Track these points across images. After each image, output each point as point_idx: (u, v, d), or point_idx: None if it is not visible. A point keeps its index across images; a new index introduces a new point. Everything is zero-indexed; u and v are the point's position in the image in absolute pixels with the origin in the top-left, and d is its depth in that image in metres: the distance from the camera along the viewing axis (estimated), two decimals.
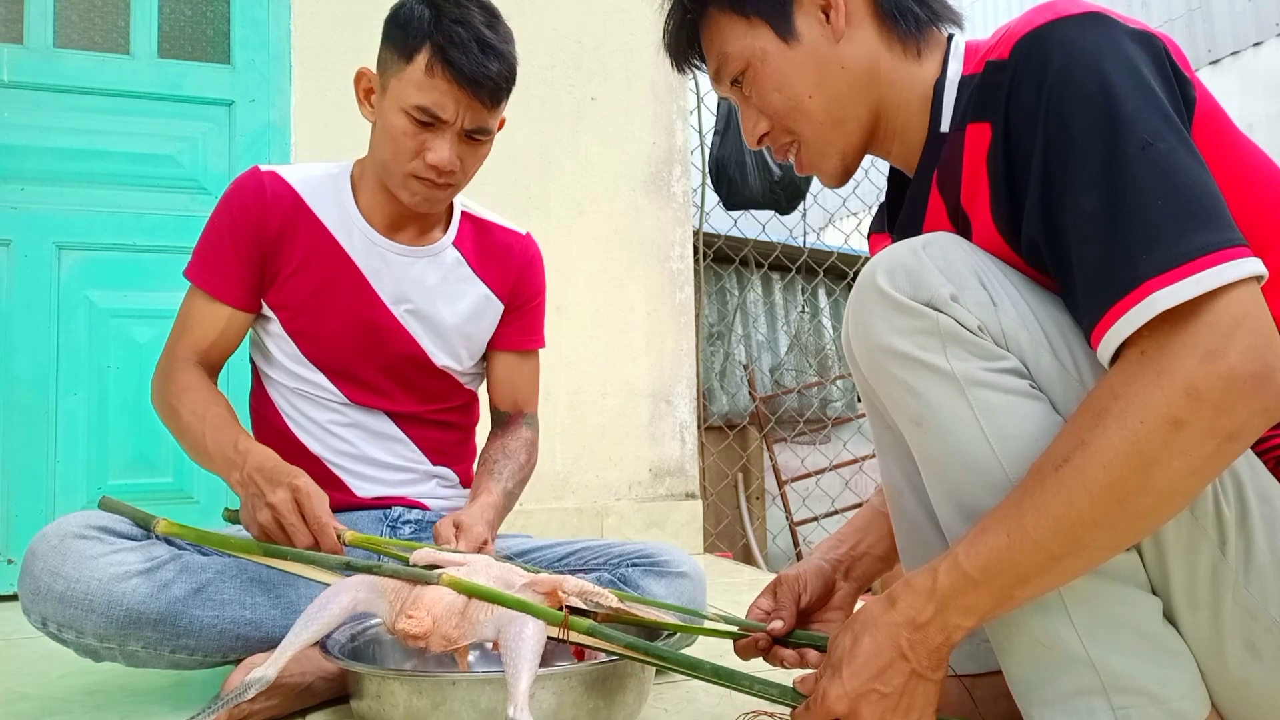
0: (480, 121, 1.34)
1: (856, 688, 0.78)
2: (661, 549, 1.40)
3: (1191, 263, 0.68)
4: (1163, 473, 0.69)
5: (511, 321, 1.56)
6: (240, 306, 1.41)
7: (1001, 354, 0.79)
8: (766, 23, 0.94)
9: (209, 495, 2.39)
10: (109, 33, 2.43)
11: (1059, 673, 0.80)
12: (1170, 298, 0.68)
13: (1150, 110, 0.73)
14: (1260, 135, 6.43)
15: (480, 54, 1.29)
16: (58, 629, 1.15)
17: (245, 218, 1.39)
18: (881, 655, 0.78)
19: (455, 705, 0.98)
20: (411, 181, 1.35)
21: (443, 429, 1.53)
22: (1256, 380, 0.67)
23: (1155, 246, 0.70)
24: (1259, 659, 0.78)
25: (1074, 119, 0.75)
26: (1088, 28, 0.78)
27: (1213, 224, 0.70)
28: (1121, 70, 0.75)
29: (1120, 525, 0.71)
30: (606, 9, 2.90)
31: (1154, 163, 0.71)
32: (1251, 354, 0.67)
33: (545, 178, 2.83)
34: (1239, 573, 0.77)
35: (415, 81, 1.29)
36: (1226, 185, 0.77)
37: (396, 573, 1.03)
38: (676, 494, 2.97)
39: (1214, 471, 0.70)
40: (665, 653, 0.95)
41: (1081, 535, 0.71)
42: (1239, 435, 0.68)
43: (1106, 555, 0.74)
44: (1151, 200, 0.71)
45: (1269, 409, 0.67)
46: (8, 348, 2.27)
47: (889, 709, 0.78)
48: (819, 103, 0.94)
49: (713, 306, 4.44)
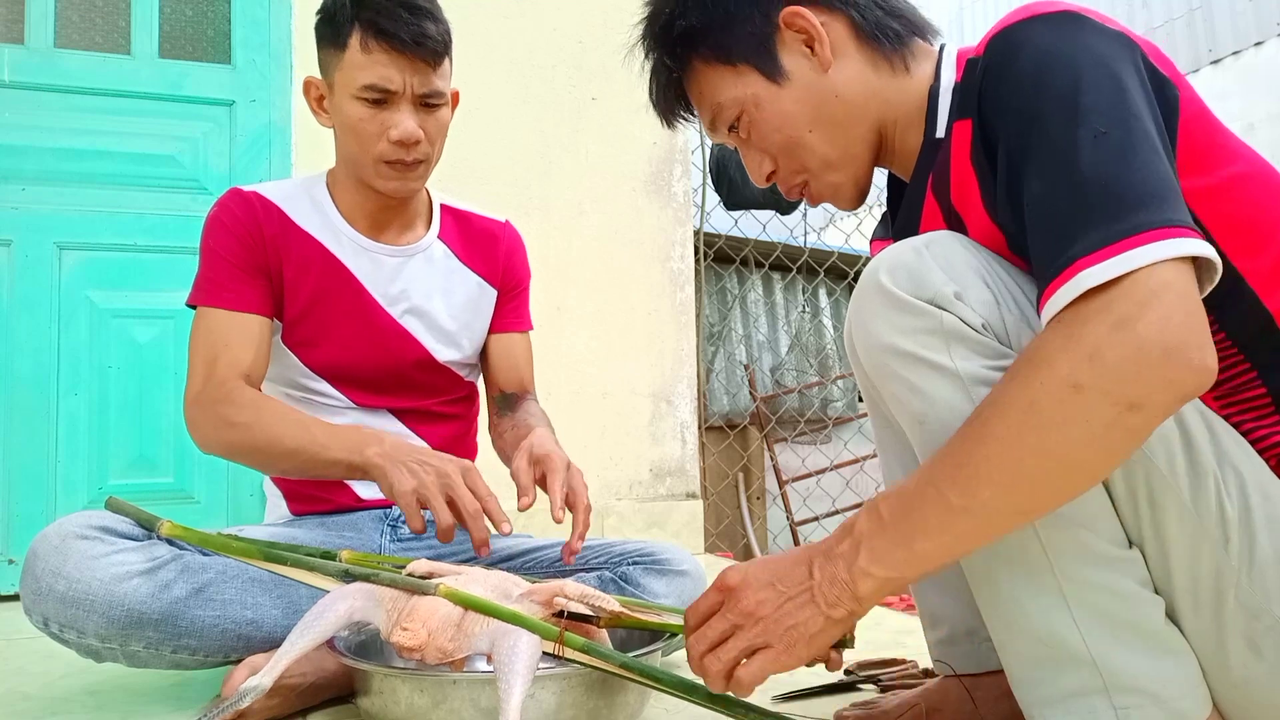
0: (430, 85, 1.33)
1: (757, 573, 0.82)
2: (662, 547, 1.40)
3: (1121, 241, 0.69)
4: (1059, 436, 0.69)
5: (505, 306, 1.58)
6: (267, 314, 1.38)
7: (1005, 352, 0.79)
8: (754, 67, 0.94)
9: (210, 495, 2.39)
10: (110, 33, 2.43)
11: (1060, 672, 0.79)
12: (1096, 276, 0.68)
13: (1110, 102, 0.74)
14: (1261, 135, 6.42)
15: (410, 16, 1.29)
16: (59, 630, 1.15)
17: (242, 231, 1.38)
18: (792, 563, 0.81)
19: (456, 703, 0.98)
20: (383, 167, 1.35)
21: (447, 422, 1.53)
22: (1164, 351, 0.66)
23: (1091, 229, 0.70)
24: (1261, 658, 0.78)
25: (1037, 110, 0.76)
26: (1060, 24, 0.79)
27: (1152, 206, 0.70)
28: (1087, 63, 0.76)
29: (1016, 488, 0.71)
30: (607, 9, 2.90)
31: (1103, 150, 0.72)
32: (1162, 324, 0.66)
33: (546, 178, 2.83)
34: (1242, 571, 0.77)
35: (356, 64, 1.30)
36: (1220, 186, 0.78)
37: (394, 581, 1.04)
38: (677, 494, 2.97)
39: (1114, 444, 0.69)
40: (660, 674, 0.95)
41: (976, 490, 0.72)
42: (1140, 405, 0.67)
43: (1003, 523, 0.74)
44: (1095, 185, 0.71)
45: (1174, 382, 0.66)
46: (9, 348, 2.27)
47: (772, 605, 0.80)
48: (820, 136, 0.94)
49: (713, 306, 4.44)
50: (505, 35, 2.75)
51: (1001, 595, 0.81)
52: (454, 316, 1.50)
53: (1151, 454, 0.77)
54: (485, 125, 2.72)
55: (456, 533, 1.49)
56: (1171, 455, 0.77)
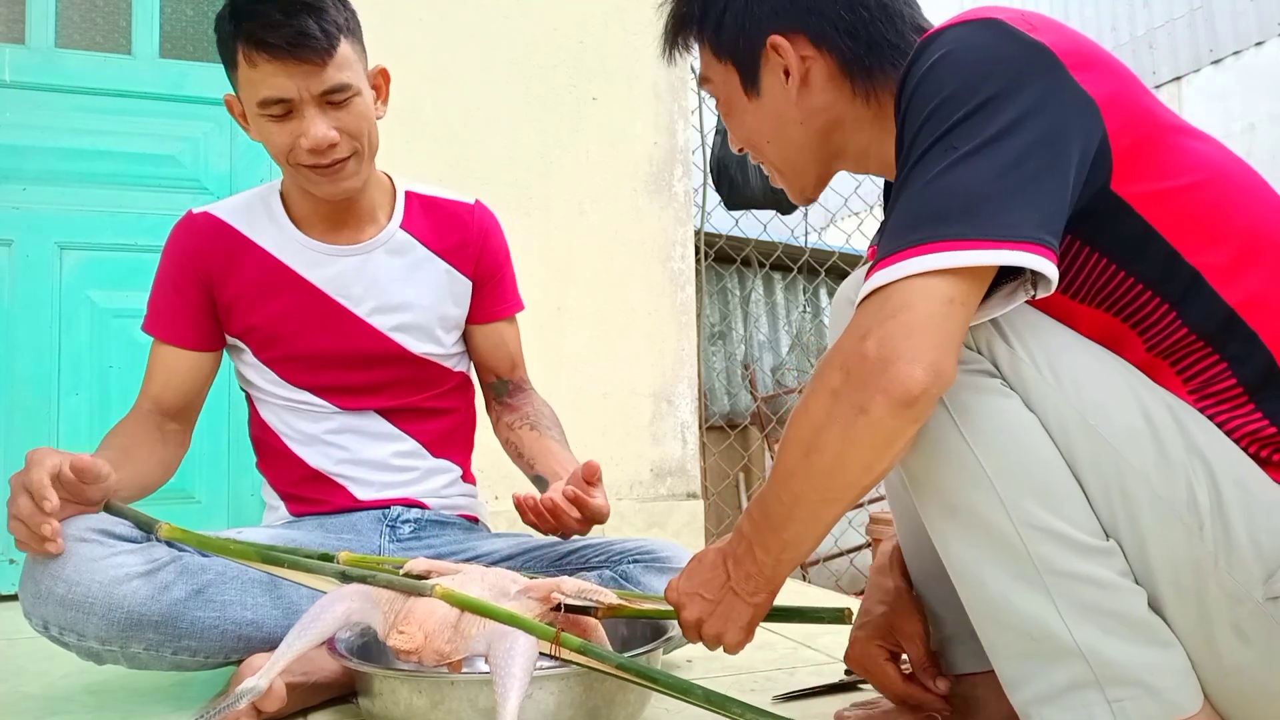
0: (327, 82, 1.27)
1: (687, 588, 0.97)
2: (662, 545, 1.40)
3: (896, 254, 0.76)
4: (827, 436, 0.79)
5: (485, 295, 1.54)
6: (192, 347, 1.41)
7: (973, 357, 0.83)
8: (736, 70, 0.99)
9: (210, 495, 2.39)
10: (110, 33, 2.43)
11: (1050, 666, 0.80)
12: (871, 283, 0.77)
13: (981, 115, 0.77)
14: (1262, 135, 6.42)
15: (285, 17, 1.24)
16: (59, 632, 1.15)
17: (183, 260, 1.41)
18: (710, 571, 0.95)
19: (454, 704, 0.98)
20: (308, 174, 1.33)
21: (438, 416, 1.52)
22: (879, 364, 0.74)
23: (894, 236, 0.78)
24: (1248, 643, 0.79)
25: (917, 118, 0.80)
26: (976, 31, 0.81)
27: (940, 221, 0.75)
28: (975, 75, 0.78)
29: (812, 480, 0.82)
30: (607, 9, 2.89)
31: (939, 166, 0.77)
32: (885, 340, 0.75)
33: (546, 178, 2.83)
34: (1220, 558, 0.78)
35: (248, 80, 1.27)
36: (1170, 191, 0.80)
37: (391, 582, 1.04)
38: (678, 494, 2.97)
39: (868, 444, 0.77)
40: (658, 674, 0.96)
41: (789, 483, 0.84)
42: (868, 410, 0.76)
43: (824, 510, 0.84)
44: (913, 199, 0.78)
45: (889, 391, 0.74)
46: (9, 347, 2.27)
47: (707, 612, 0.95)
48: (775, 150, 1.01)
49: (714, 306, 4.44)
50: (505, 35, 2.74)
51: (988, 593, 0.82)
52: (426, 309, 1.47)
53: (1119, 447, 0.79)
54: (485, 125, 2.71)
55: (456, 533, 1.49)
56: (1139, 448, 0.79)
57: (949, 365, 0.75)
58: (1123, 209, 0.81)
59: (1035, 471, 0.80)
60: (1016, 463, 0.80)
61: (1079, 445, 0.80)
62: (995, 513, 0.80)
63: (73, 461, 1.12)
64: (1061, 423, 0.80)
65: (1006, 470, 0.80)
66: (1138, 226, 0.81)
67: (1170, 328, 0.83)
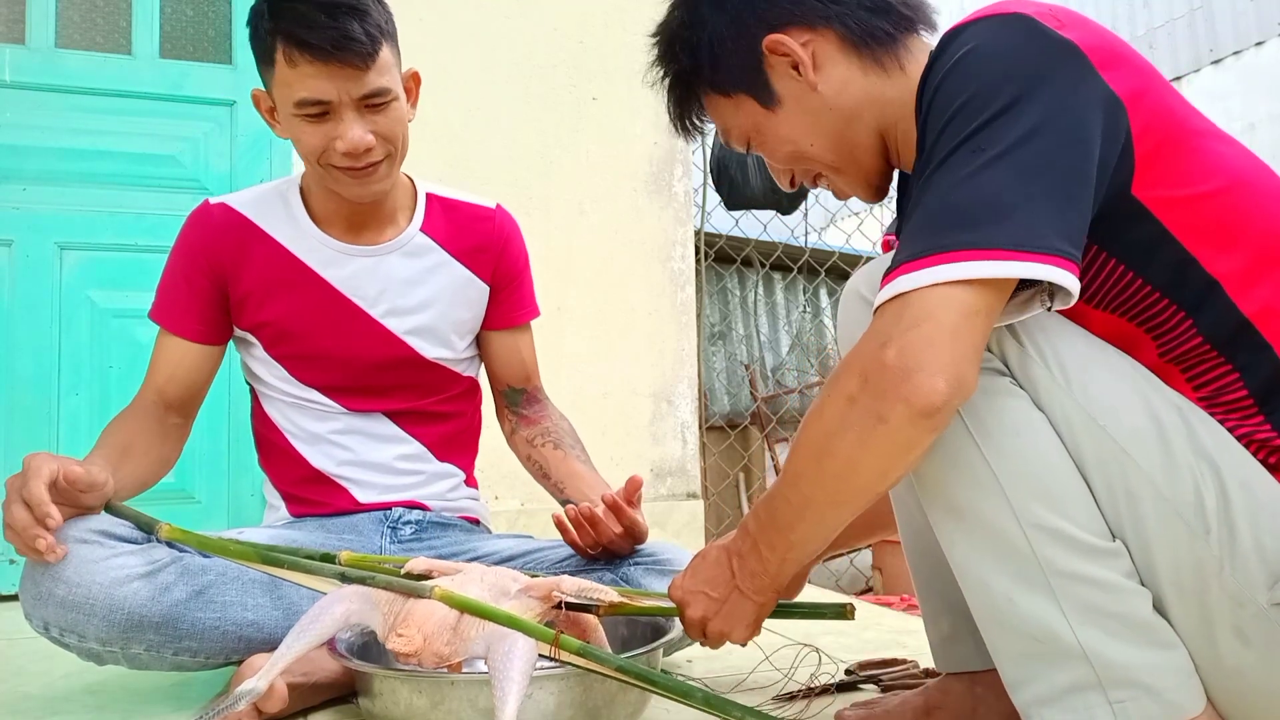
0: (367, 86, 1.26)
1: (691, 586, 0.97)
2: (663, 547, 1.40)
3: (918, 260, 0.75)
4: (841, 441, 0.78)
5: (502, 301, 1.53)
6: (197, 339, 1.41)
7: (984, 355, 0.81)
8: (749, 96, 0.98)
9: (211, 495, 2.39)
10: (110, 33, 2.43)
11: (1053, 667, 0.80)
12: (891, 289, 0.76)
13: (1008, 117, 0.76)
14: (1262, 135, 6.42)
15: (329, 19, 1.21)
16: (60, 634, 1.15)
17: (195, 251, 1.40)
18: (714, 569, 0.95)
19: (454, 704, 0.98)
20: (340, 175, 1.31)
21: (444, 420, 1.51)
22: (900, 373, 0.74)
23: (917, 239, 0.76)
24: (1250, 647, 0.78)
25: (941, 116, 0.79)
26: (1004, 26, 0.80)
27: (964, 228, 0.74)
28: (1001, 74, 0.77)
29: (823, 483, 0.81)
30: (607, 9, 2.90)
31: (965, 169, 0.76)
32: (906, 349, 0.74)
33: (546, 178, 2.83)
34: (1224, 560, 0.78)
35: (285, 80, 1.25)
36: (1192, 198, 0.79)
37: (390, 584, 1.04)
38: (678, 494, 2.97)
39: (884, 451, 0.77)
40: (656, 677, 0.95)
41: (801, 487, 0.83)
42: (887, 419, 0.75)
43: (833, 513, 0.84)
44: (938, 201, 0.76)
45: (910, 401, 0.74)
46: (9, 348, 2.27)
47: (712, 610, 0.95)
48: (822, 146, 0.98)
49: (714, 306, 4.44)
50: (505, 35, 2.74)
51: (992, 594, 0.82)
52: (441, 313, 1.46)
53: (1126, 447, 0.79)
54: (485, 125, 2.71)
55: (457, 534, 1.49)
56: (1146, 449, 0.79)
57: (970, 376, 0.75)
58: (1142, 213, 0.81)
59: (1042, 472, 0.79)
60: (1024, 464, 0.79)
61: (1086, 444, 0.80)
62: (1002, 515, 0.80)
63: (65, 473, 1.11)
64: (1069, 422, 0.80)
65: (1014, 472, 0.79)
66: (1155, 231, 0.81)
67: (1185, 335, 0.82)
